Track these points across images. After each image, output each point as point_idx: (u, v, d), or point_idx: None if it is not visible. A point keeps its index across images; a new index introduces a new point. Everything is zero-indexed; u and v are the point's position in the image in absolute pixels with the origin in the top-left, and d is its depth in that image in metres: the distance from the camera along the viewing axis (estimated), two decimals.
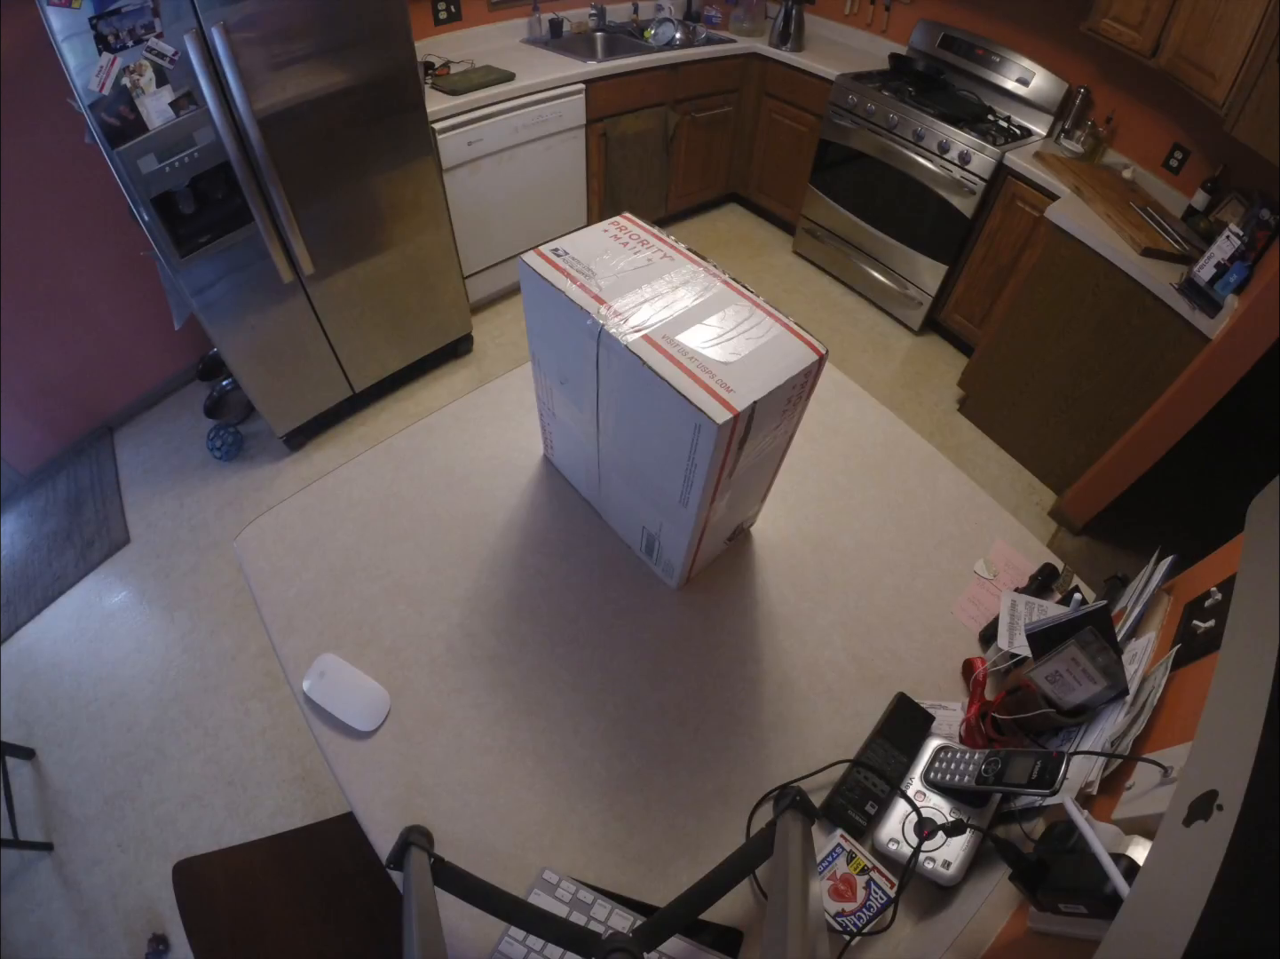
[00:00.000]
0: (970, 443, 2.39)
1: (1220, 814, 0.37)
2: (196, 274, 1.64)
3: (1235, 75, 1.53)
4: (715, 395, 0.56)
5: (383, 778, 0.70)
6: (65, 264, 1.97)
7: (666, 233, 0.74)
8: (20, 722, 1.65)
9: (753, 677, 0.80)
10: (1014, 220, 2.22)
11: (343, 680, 0.75)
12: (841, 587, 0.88)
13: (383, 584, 0.85)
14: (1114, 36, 1.90)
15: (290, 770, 1.57)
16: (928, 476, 1.02)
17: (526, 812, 0.69)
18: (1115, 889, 0.44)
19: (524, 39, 2.69)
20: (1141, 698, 0.60)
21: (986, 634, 0.83)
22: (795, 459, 1.02)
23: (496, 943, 0.61)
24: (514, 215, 2.56)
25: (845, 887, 0.64)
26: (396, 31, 1.69)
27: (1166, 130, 2.07)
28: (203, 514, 2.05)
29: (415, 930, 0.49)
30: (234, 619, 1.82)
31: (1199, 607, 0.63)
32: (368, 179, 1.86)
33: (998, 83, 2.43)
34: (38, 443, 2.18)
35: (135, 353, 2.28)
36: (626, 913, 0.62)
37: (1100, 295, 1.84)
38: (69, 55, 1.25)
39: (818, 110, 2.71)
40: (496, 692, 0.77)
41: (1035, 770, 0.56)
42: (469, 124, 2.16)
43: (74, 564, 1.95)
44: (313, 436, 2.25)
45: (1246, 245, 1.55)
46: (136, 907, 1.38)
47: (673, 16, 2.87)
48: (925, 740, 0.72)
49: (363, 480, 0.96)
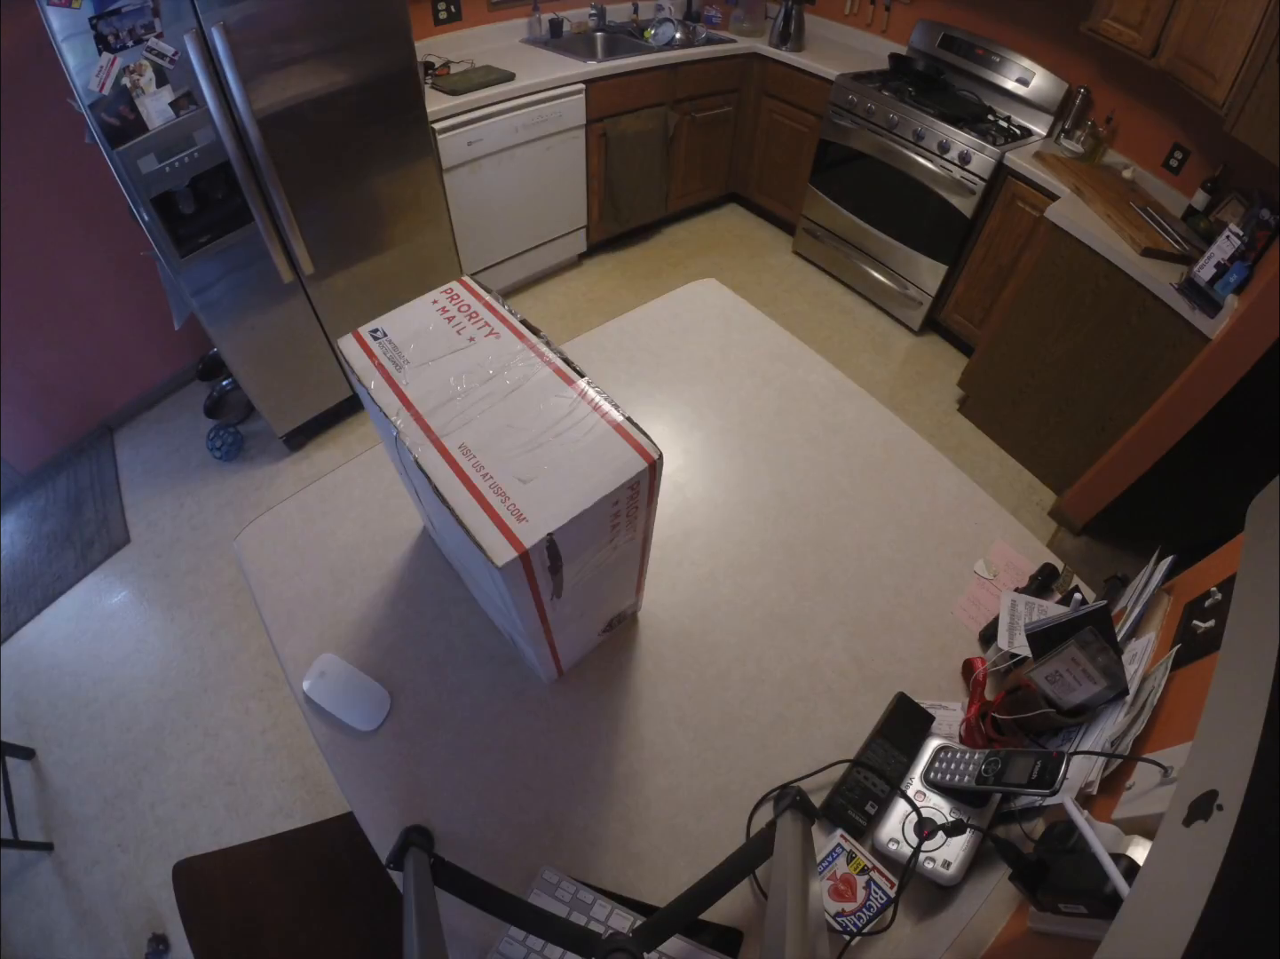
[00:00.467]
0: (970, 443, 2.39)
1: (1220, 814, 0.37)
2: (196, 274, 1.64)
3: (1235, 75, 1.53)
4: (503, 528, 0.48)
5: (383, 778, 0.70)
6: (65, 264, 1.97)
7: (503, 303, 0.65)
8: (20, 722, 1.65)
9: (753, 677, 0.80)
10: (1014, 220, 2.22)
11: (343, 680, 0.76)
12: (841, 587, 0.88)
13: (383, 584, 0.85)
14: (1114, 36, 1.90)
15: (290, 770, 1.57)
16: (928, 476, 1.02)
17: (526, 812, 0.69)
18: (1115, 889, 0.44)
19: (524, 39, 2.69)
20: (1141, 698, 0.60)
21: (986, 634, 0.83)
22: (795, 459, 1.02)
23: (496, 943, 0.61)
24: (514, 215, 2.56)
25: (845, 887, 0.64)
26: (396, 31, 1.70)
27: (1166, 130, 2.07)
28: (203, 514, 2.05)
29: (415, 930, 0.49)
30: (234, 619, 1.82)
31: (1199, 607, 0.63)
32: (368, 179, 1.86)
33: (998, 83, 2.43)
34: (38, 443, 2.18)
35: (135, 353, 2.28)
36: (626, 913, 0.62)
37: (1100, 295, 1.84)
38: (69, 55, 1.25)
39: (818, 110, 2.71)
40: (496, 692, 0.77)
41: (1035, 770, 0.56)
42: (469, 124, 2.16)
43: (74, 564, 1.95)
44: (313, 436, 2.25)
45: (1246, 245, 1.55)
46: (136, 907, 1.38)
47: (673, 16, 2.87)
48: (925, 740, 0.72)
49: (363, 480, 0.96)
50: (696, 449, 1.03)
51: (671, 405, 1.10)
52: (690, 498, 0.97)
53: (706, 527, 0.93)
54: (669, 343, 1.20)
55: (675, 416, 1.08)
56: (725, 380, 1.14)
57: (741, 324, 1.26)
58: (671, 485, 0.98)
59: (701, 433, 1.06)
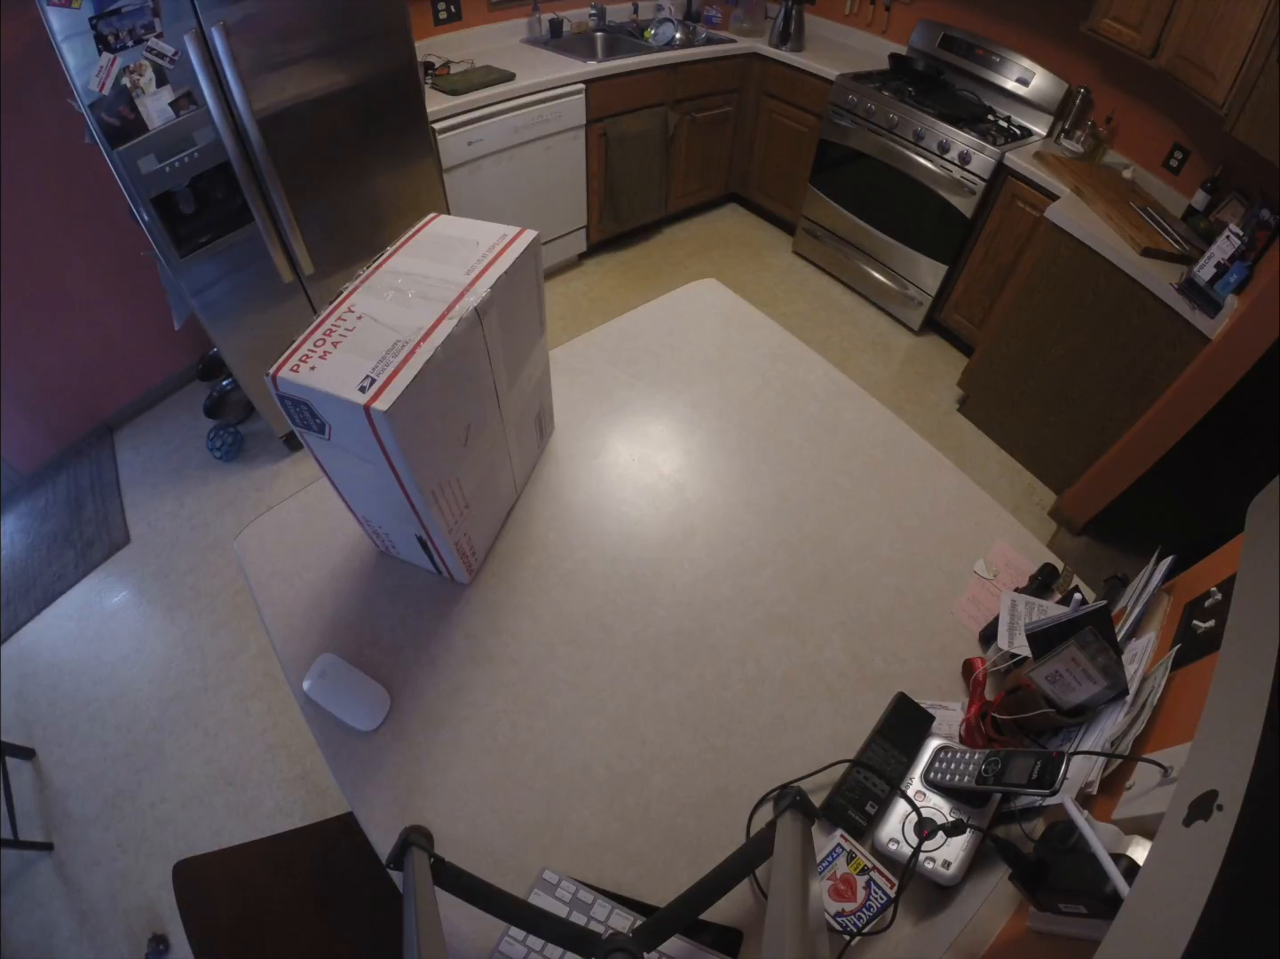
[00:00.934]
0: (970, 443, 2.39)
1: (1220, 814, 0.37)
2: (196, 274, 1.64)
3: (1235, 75, 1.53)
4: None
5: (383, 778, 0.70)
6: (65, 264, 1.97)
7: None
8: (20, 722, 1.65)
9: (753, 677, 0.80)
10: (1014, 220, 2.22)
11: (343, 680, 0.75)
12: (841, 587, 0.88)
13: (383, 584, 0.85)
14: (1114, 36, 1.90)
15: (290, 770, 1.57)
16: (928, 477, 1.02)
17: (526, 812, 0.69)
18: (1115, 889, 0.44)
19: (524, 39, 2.69)
20: (1141, 698, 0.60)
21: (986, 634, 0.83)
22: (795, 459, 1.02)
23: (496, 943, 0.61)
24: (514, 216, 2.55)
25: (845, 887, 0.64)
26: (396, 31, 1.70)
27: (1166, 130, 2.07)
28: (203, 514, 2.05)
29: (415, 930, 0.49)
30: (234, 619, 1.82)
31: (1199, 607, 0.63)
32: (368, 179, 1.86)
33: (998, 83, 2.43)
34: (38, 443, 2.18)
35: (135, 353, 2.28)
36: (626, 913, 0.62)
37: (1100, 295, 1.84)
38: (69, 55, 1.25)
39: (818, 110, 2.71)
40: (496, 692, 0.77)
41: (1035, 770, 0.56)
42: (469, 124, 2.16)
43: (74, 564, 1.95)
44: None
45: (1246, 245, 1.55)
46: (136, 907, 1.38)
47: (673, 16, 2.87)
48: (925, 740, 0.72)
49: None
50: (696, 449, 1.03)
51: (671, 405, 1.10)
52: (690, 498, 0.97)
53: (706, 527, 0.93)
54: (669, 343, 1.20)
55: (675, 416, 1.08)
56: (725, 380, 1.14)
57: (741, 324, 1.26)
58: (671, 485, 0.98)
59: (701, 433, 1.06)
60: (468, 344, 0.66)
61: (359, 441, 0.60)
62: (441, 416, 0.65)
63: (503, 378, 0.77)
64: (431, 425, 0.64)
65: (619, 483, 0.98)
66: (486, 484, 0.82)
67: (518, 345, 0.80)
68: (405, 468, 0.62)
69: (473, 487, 0.77)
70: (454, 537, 0.76)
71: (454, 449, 0.70)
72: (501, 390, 0.77)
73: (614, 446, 1.03)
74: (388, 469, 0.63)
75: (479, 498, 0.80)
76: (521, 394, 0.85)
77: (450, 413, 0.67)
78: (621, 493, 0.97)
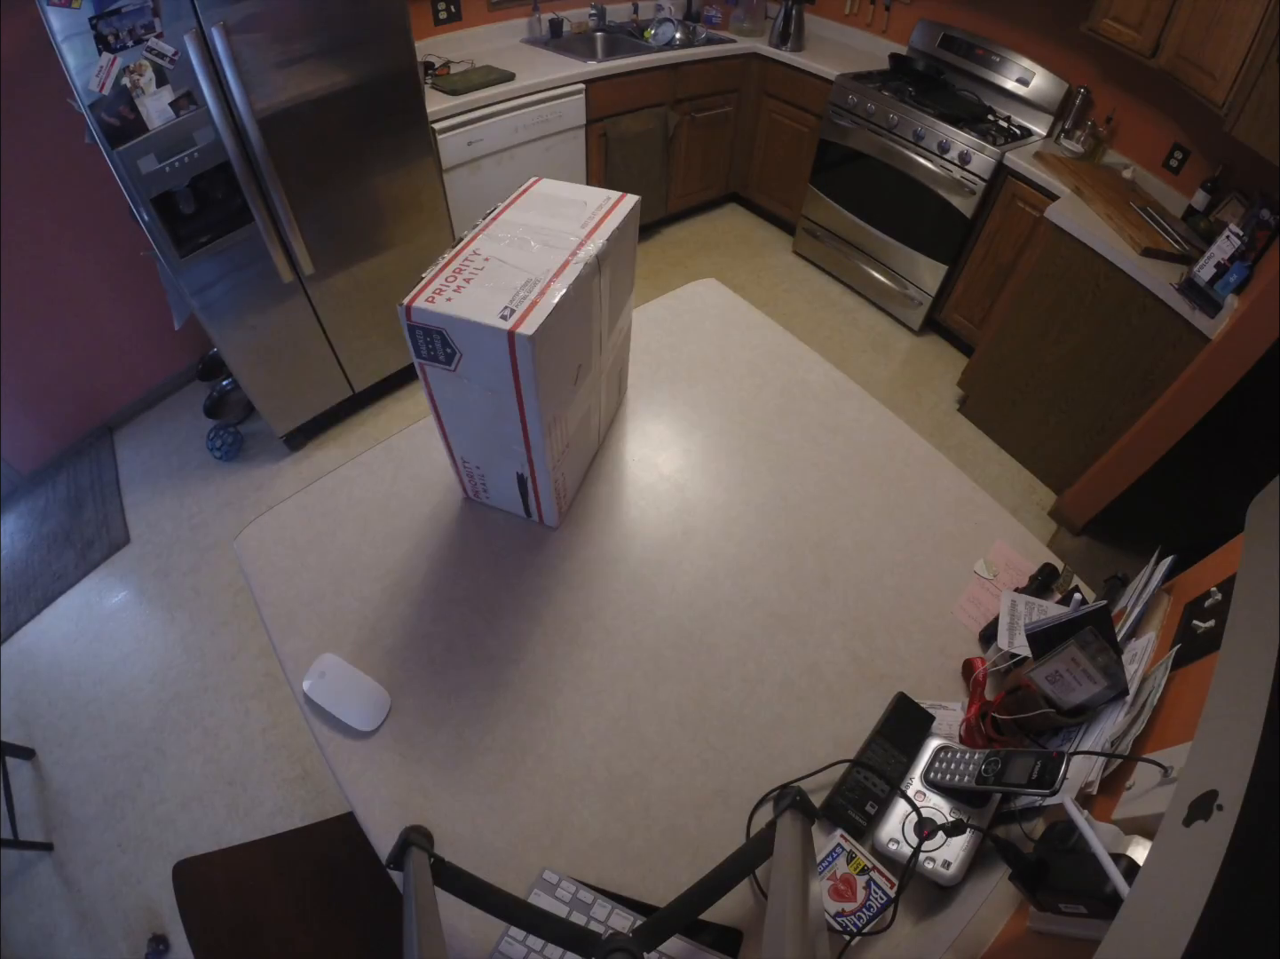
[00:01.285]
0: (970, 443, 2.39)
1: (1220, 814, 0.37)
2: (196, 274, 1.64)
3: (1235, 75, 1.53)
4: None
5: (383, 778, 0.70)
6: (65, 264, 1.97)
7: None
8: (20, 722, 1.65)
9: (753, 677, 0.80)
10: (1014, 220, 2.22)
11: (343, 680, 0.75)
12: (841, 587, 0.88)
13: (383, 584, 0.85)
14: (1114, 36, 1.90)
15: (290, 770, 1.57)
16: (928, 476, 1.02)
17: (526, 812, 0.69)
18: (1115, 889, 0.44)
19: (524, 39, 2.69)
20: (1141, 698, 0.60)
21: (986, 634, 0.83)
22: (795, 459, 1.02)
23: (496, 943, 0.61)
24: None
25: (845, 887, 0.64)
26: (396, 31, 1.69)
27: (1166, 130, 2.07)
28: (203, 514, 2.05)
29: (415, 930, 0.49)
30: (234, 619, 1.82)
31: (1199, 607, 0.63)
32: (368, 179, 1.86)
33: (998, 83, 2.43)
34: (38, 443, 2.18)
35: (135, 353, 2.28)
36: (626, 913, 0.62)
37: (1100, 295, 1.84)
38: (69, 55, 1.25)
39: (818, 110, 2.71)
40: (496, 692, 0.77)
41: (1035, 770, 0.56)
42: (469, 124, 2.16)
43: (74, 564, 1.95)
44: (313, 436, 2.25)
45: (1246, 245, 1.55)
46: (136, 907, 1.38)
47: (673, 16, 2.87)
48: (925, 740, 0.72)
49: (363, 480, 0.96)
50: (696, 449, 1.03)
51: (671, 405, 1.10)
52: (690, 498, 0.97)
53: (706, 527, 0.93)
54: (669, 343, 1.20)
55: (675, 416, 1.08)
56: (725, 380, 1.14)
57: (741, 324, 1.26)
58: (671, 485, 0.98)
59: (701, 433, 1.06)
60: (588, 288, 0.71)
61: (490, 369, 0.64)
62: (566, 352, 0.71)
63: (605, 326, 0.82)
64: (559, 358, 0.69)
65: (619, 483, 0.98)
66: (582, 429, 0.87)
67: (616, 298, 0.85)
68: (533, 396, 0.66)
69: (573, 428, 0.82)
70: (556, 473, 0.81)
71: (566, 387, 0.75)
72: (603, 338, 0.83)
73: (614, 446, 1.03)
74: (513, 398, 0.67)
75: (575, 441, 0.86)
76: (614, 346, 0.91)
77: (571, 351, 0.72)
78: (622, 493, 0.97)
